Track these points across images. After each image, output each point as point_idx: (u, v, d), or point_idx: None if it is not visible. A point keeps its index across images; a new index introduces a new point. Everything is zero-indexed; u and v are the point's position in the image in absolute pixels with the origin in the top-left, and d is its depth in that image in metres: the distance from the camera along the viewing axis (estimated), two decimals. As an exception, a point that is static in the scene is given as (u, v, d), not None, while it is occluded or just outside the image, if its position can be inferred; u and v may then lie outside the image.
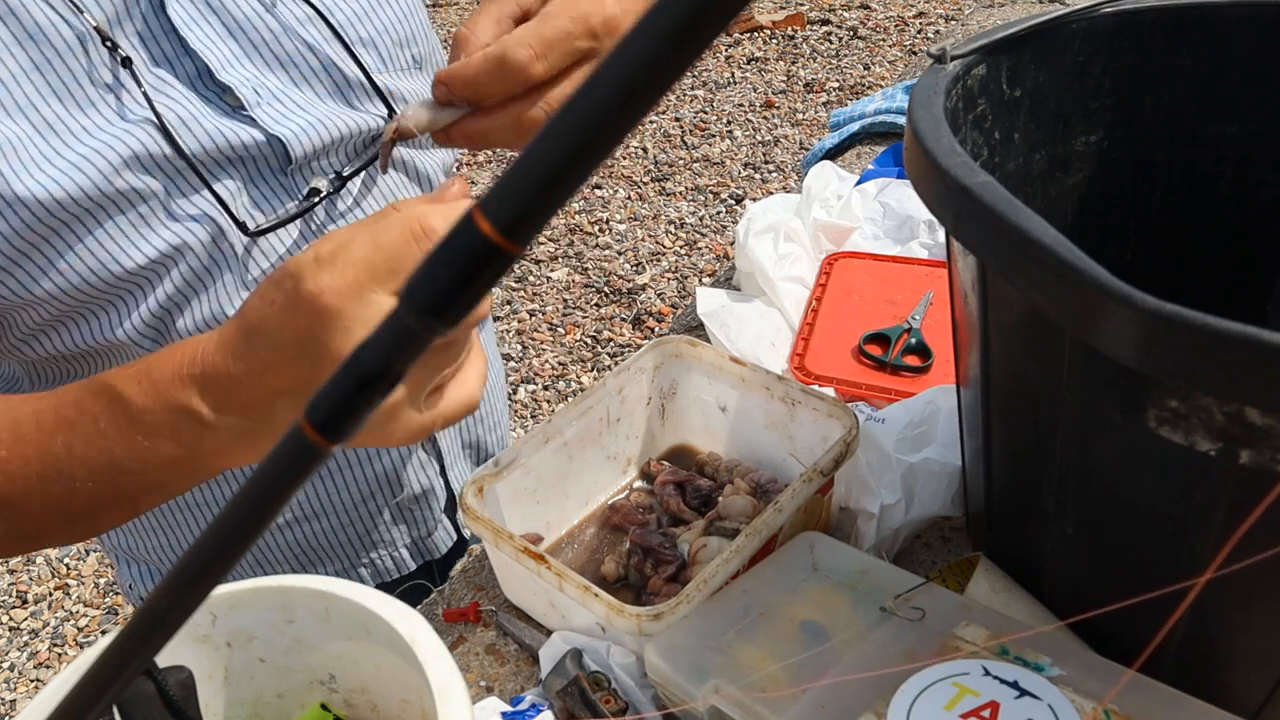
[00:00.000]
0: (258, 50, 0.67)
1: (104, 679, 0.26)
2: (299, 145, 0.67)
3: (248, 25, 0.67)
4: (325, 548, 0.81)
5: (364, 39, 0.71)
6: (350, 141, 0.70)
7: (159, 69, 0.63)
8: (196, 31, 0.64)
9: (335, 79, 0.70)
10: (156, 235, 0.63)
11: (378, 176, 0.74)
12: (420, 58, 0.76)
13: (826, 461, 0.66)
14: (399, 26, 0.74)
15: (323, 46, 0.69)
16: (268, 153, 0.67)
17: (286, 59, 0.68)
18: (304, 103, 0.69)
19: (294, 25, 0.68)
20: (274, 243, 0.69)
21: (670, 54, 0.17)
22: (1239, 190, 0.68)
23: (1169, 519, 0.50)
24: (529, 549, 0.63)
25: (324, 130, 0.68)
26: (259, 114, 0.66)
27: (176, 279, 0.65)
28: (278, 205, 0.68)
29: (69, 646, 1.99)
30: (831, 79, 3.62)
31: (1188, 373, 0.39)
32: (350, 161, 0.71)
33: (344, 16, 0.70)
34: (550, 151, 0.18)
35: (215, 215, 0.65)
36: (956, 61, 0.59)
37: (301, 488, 0.22)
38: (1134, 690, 0.50)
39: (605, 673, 0.62)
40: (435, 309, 0.20)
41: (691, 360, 0.79)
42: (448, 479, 0.84)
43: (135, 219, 0.62)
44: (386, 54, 0.73)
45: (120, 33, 0.62)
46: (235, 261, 0.67)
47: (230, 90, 0.65)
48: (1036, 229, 0.42)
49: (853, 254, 1.01)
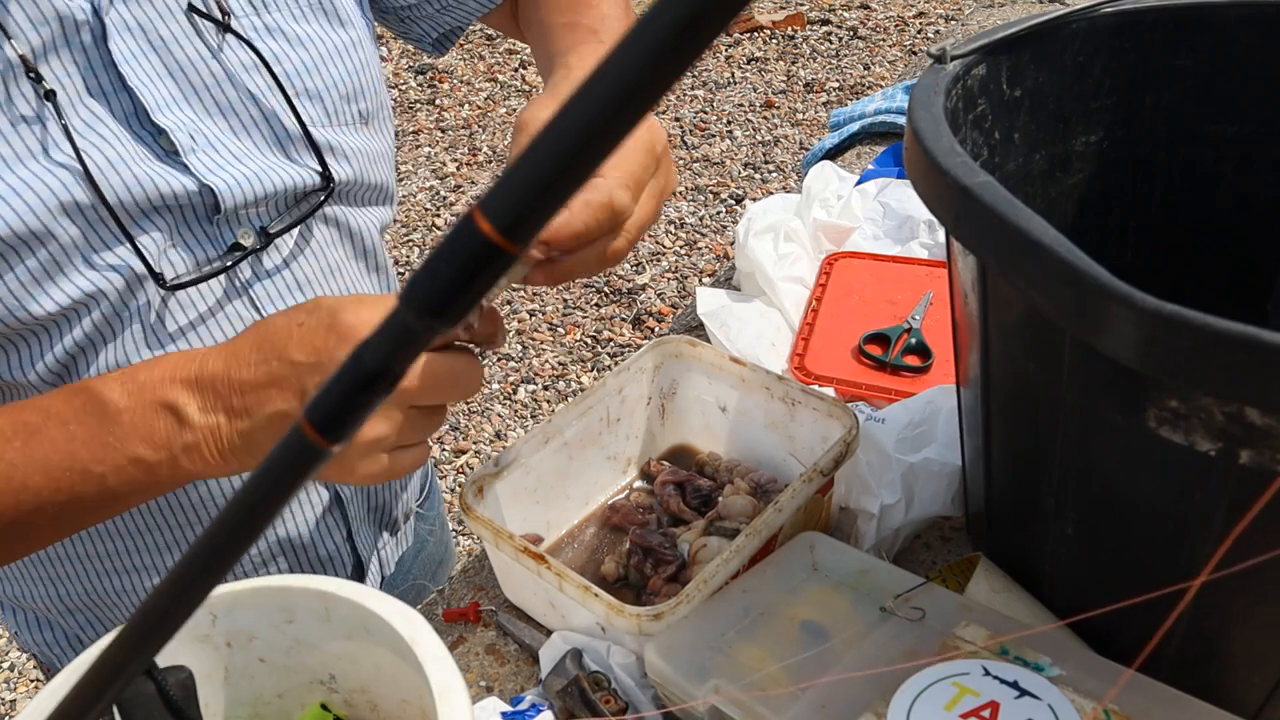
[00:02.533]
0: (198, 94, 0.65)
1: (104, 679, 0.26)
2: (231, 197, 0.65)
3: (189, 68, 0.64)
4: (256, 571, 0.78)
5: (310, 91, 0.69)
6: (283, 196, 0.68)
7: (92, 100, 0.61)
8: (136, 68, 0.62)
9: (275, 130, 0.68)
10: (70, 282, 0.61)
11: (312, 235, 0.72)
12: (367, 113, 0.74)
13: (826, 461, 0.66)
14: (348, 80, 0.72)
15: (265, 96, 0.67)
16: (196, 202, 0.64)
17: (227, 106, 0.66)
18: (240, 153, 0.66)
19: (238, 72, 0.66)
20: (193, 296, 0.66)
21: (670, 54, 0.17)
22: (1239, 190, 0.68)
23: (1169, 519, 0.50)
24: (529, 549, 0.63)
25: (259, 183, 0.66)
26: (192, 161, 0.64)
27: (87, 326, 0.63)
28: (200, 257, 0.66)
29: (69, 646, 1.99)
30: (831, 79, 3.62)
31: (1188, 373, 0.39)
32: (278, 217, 0.69)
33: (290, 67, 0.68)
34: (550, 152, 0.18)
35: (133, 264, 0.63)
36: (956, 61, 0.59)
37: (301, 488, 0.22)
38: (1134, 690, 0.50)
39: (605, 673, 0.62)
40: (435, 309, 0.20)
41: (691, 360, 0.79)
42: (354, 544, 0.82)
43: (49, 264, 0.60)
44: (333, 108, 0.71)
45: (55, 59, 0.59)
46: (149, 311, 0.65)
47: (165, 133, 0.63)
48: (1036, 229, 0.42)
49: (853, 254, 1.01)
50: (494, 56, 3.97)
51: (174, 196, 0.63)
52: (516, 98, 3.62)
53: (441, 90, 3.76)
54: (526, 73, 3.75)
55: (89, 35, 0.60)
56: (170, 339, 0.66)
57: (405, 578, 0.91)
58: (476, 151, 3.40)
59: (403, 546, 0.90)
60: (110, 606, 0.77)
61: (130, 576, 0.75)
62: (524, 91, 3.65)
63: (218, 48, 0.66)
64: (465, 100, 3.69)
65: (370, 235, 0.78)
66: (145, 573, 0.75)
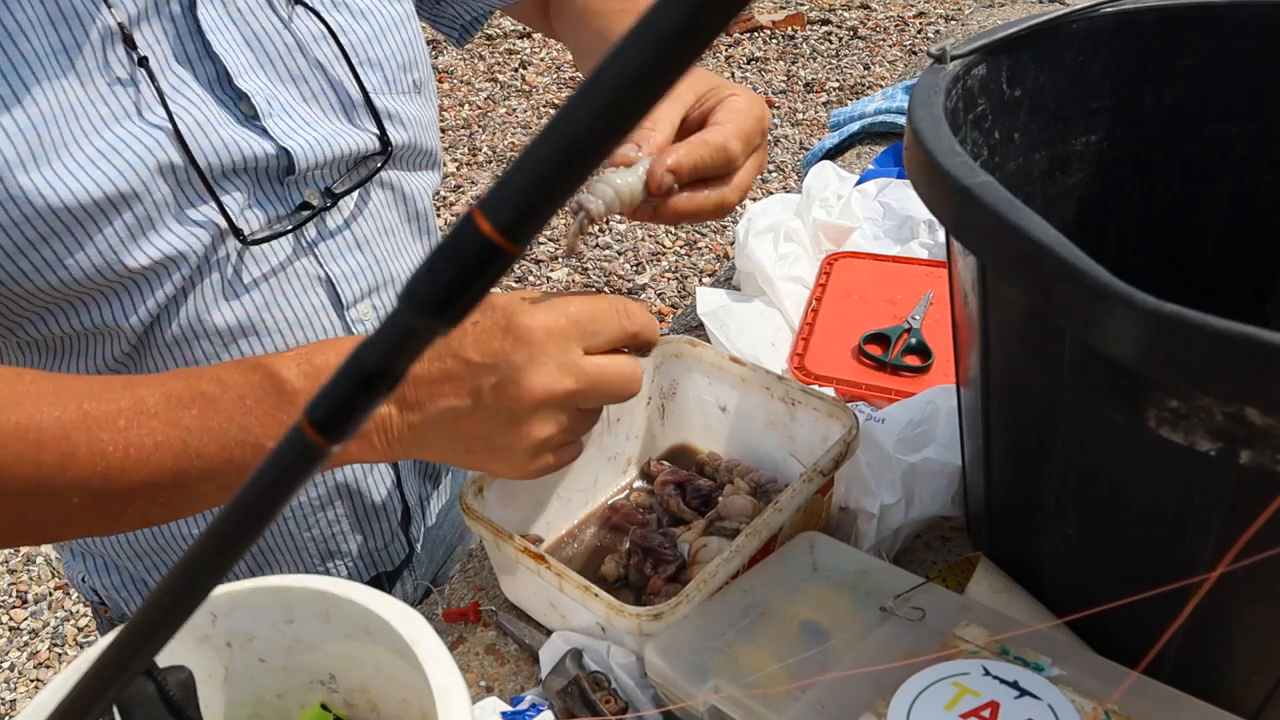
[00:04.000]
0: (272, 63, 0.70)
1: (104, 679, 0.26)
2: (304, 159, 0.69)
3: (265, 38, 0.69)
4: (282, 550, 0.82)
5: (371, 60, 0.74)
6: (346, 159, 0.73)
7: (180, 66, 0.65)
8: (220, 36, 0.67)
9: (341, 97, 0.73)
10: (161, 238, 0.65)
11: (370, 197, 0.77)
12: (420, 82, 0.79)
13: (826, 461, 0.66)
14: (404, 51, 0.77)
15: (332, 65, 0.72)
16: (273, 164, 0.69)
17: (299, 74, 0.71)
18: (310, 118, 0.71)
19: (308, 42, 0.71)
20: (266, 251, 0.70)
21: (670, 54, 0.17)
22: (1239, 190, 0.68)
23: (1169, 519, 0.50)
24: (529, 549, 0.63)
25: (328, 147, 0.71)
26: (271, 125, 0.68)
27: (176, 279, 0.67)
28: (271, 214, 0.70)
29: (69, 646, 1.99)
30: (831, 79, 3.62)
31: (1188, 373, 0.39)
32: (341, 178, 0.74)
33: (355, 38, 0.73)
34: (550, 151, 0.18)
35: (218, 221, 0.67)
36: (956, 61, 0.59)
37: (301, 488, 0.22)
38: (1134, 691, 0.50)
39: (605, 673, 0.62)
40: (435, 308, 0.20)
41: (691, 360, 0.79)
42: (403, 492, 0.85)
43: (144, 220, 0.64)
44: (392, 76, 0.76)
45: (147, 27, 0.64)
46: (226, 265, 0.69)
47: (246, 98, 0.67)
48: (1036, 229, 0.42)
49: (853, 254, 1.01)
50: (494, 57, 3.97)
51: (255, 159, 0.67)
52: (516, 98, 3.62)
53: (441, 90, 3.76)
54: (526, 73, 3.75)
55: (178, 5, 0.65)
56: (245, 289, 0.71)
57: (440, 531, 0.95)
58: (476, 151, 3.40)
59: (442, 500, 0.94)
60: (176, 552, 0.81)
61: (194, 524, 0.78)
62: (524, 92, 3.65)
63: (289, 19, 0.70)
64: (465, 100, 3.69)
65: (422, 199, 0.82)
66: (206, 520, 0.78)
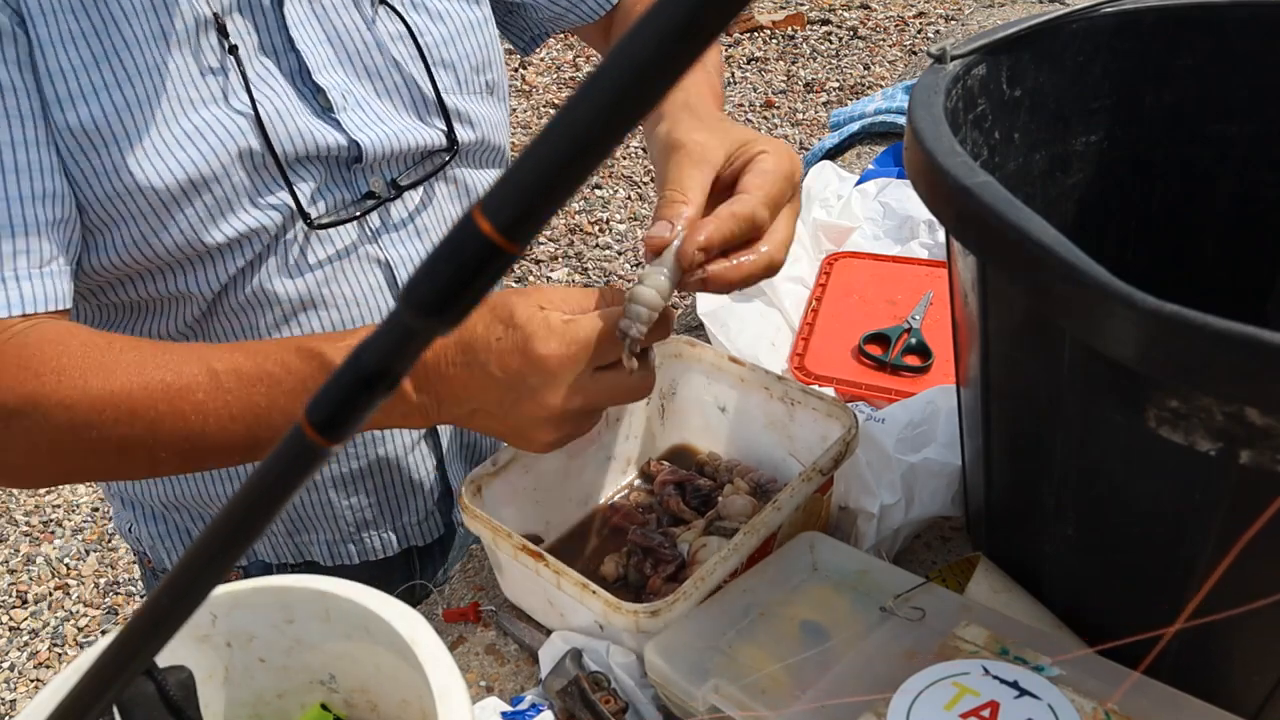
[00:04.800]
0: (350, 59, 0.74)
1: (104, 679, 0.26)
2: (373, 151, 0.73)
3: (345, 35, 0.73)
4: (318, 518, 0.84)
5: (445, 61, 0.78)
6: (413, 153, 0.77)
7: (265, 57, 0.70)
8: (303, 32, 0.71)
9: (414, 95, 0.77)
10: (237, 219, 0.69)
11: (435, 191, 0.80)
12: (493, 84, 0.83)
13: (826, 461, 0.66)
14: (479, 53, 0.81)
15: (408, 64, 0.76)
16: (344, 155, 0.72)
17: (375, 70, 0.75)
18: (383, 113, 0.75)
19: (386, 41, 0.75)
20: (331, 235, 0.75)
21: (669, 55, 0.17)
22: (1239, 190, 0.68)
23: (1169, 519, 0.50)
24: (527, 546, 0.63)
25: (396, 141, 0.74)
26: (344, 118, 0.72)
27: (248, 254, 0.72)
28: (338, 200, 0.74)
29: (69, 646, 1.99)
30: (831, 79, 3.62)
31: (1188, 373, 0.39)
32: (407, 171, 0.77)
33: (432, 39, 0.77)
34: (550, 152, 0.18)
35: (289, 204, 0.71)
36: (956, 61, 0.59)
37: (301, 488, 0.22)
38: (1134, 691, 0.50)
39: (605, 673, 0.62)
40: (435, 308, 0.20)
41: (691, 360, 0.79)
42: (444, 472, 0.87)
43: (222, 201, 0.68)
44: (464, 78, 0.79)
45: (238, 17, 0.68)
46: (294, 245, 0.73)
47: (323, 91, 0.71)
48: (1036, 229, 0.42)
49: (853, 254, 1.01)
50: (494, 56, 3.96)
51: (328, 149, 0.71)
52: (516, 97, 3.62)
53: (441, 90, 3.75)
54: (526, 73, 3.75)
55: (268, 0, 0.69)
56: (310, 267, 0.75)
57: None
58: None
59: None
60: (217, 503, 0.84)
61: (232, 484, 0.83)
62: (524, 92, 3.65)
63: (372, 18, 0.74)
64: (465, 100, 3.69)
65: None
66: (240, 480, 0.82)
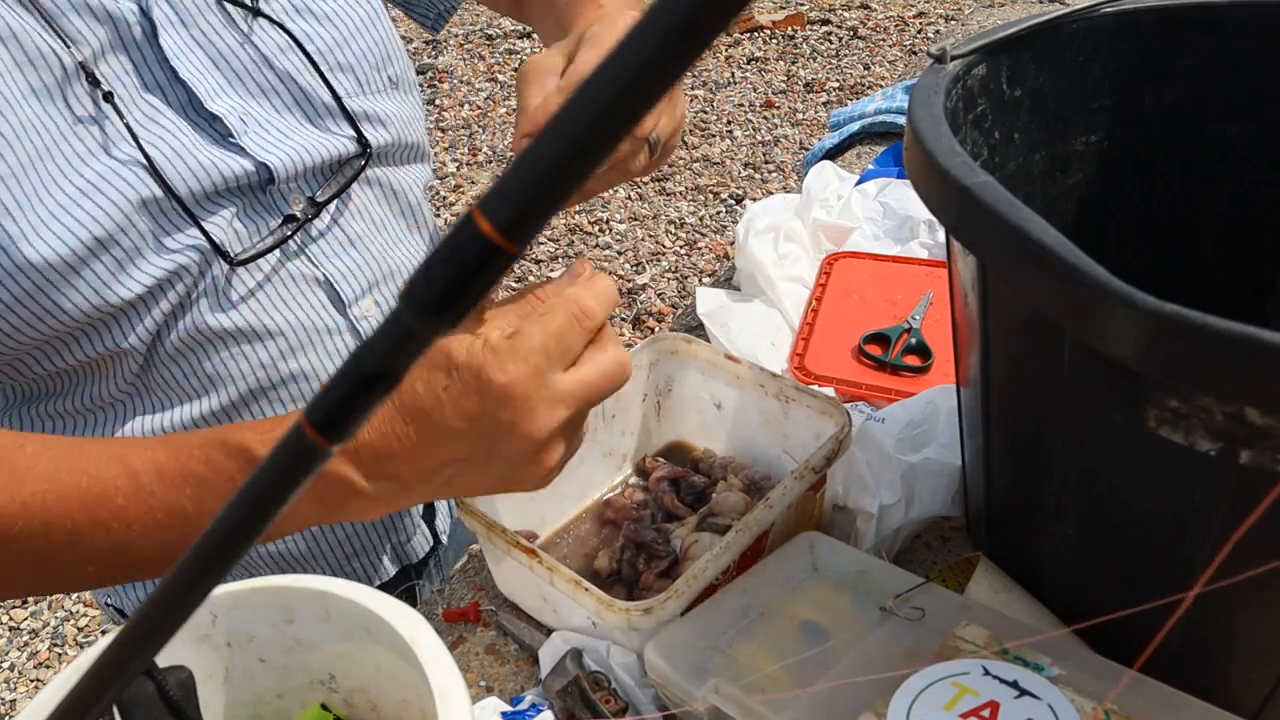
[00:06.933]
0: (240, 80, 0.69)
1: (104, 679, 0.26)
2: (284, 170, 0.69)
3: (230, 55, 0.69)
4: (307, 556, 0.80)
5: (343, 65, 0.73)
6: (325, 165, 0.73)
7: (150, 95, 0.65)
8: (184, 61, 0.66)
9: (314, 105, 0.72)
10: (144, 270, 0.64)
11: (351, 196, 0.76)
12: (396, 78, 0.79)
13: (818, 458, 0.66)
14: (376, 49, 0.76)
15: (301, 75, 0.71)
16: (254, 180, 0.69)
17: (269, 87, 0.71)
18: (286, 129, 0.71)
19: (273, 55, 0.70)
20: (257, 261, 0.70)
21: (670, 54, 0.17)
22: (1239, 190, 0.68)
23: (1169, 519, 0.50)
24: (520, 543, 0.63)
25: (307, 156, 0.71)
26: (247, 142, 0.68)
27: (166, 304, 0.67)
28: (259, 227, 0.70)
29: (69, 646, 1.99)
30: (831, 79, 3.62)
31: (1188, 373, 0.39)
32: (324, 184, 0.73)
33: (322, 44, 0.72)
34: (550, 151, 0.18)
35: (201, 246, 0.66)
36: (956, 61, 0.59)
37: (302, 488, 0.22)
38: (1134, 690, 0.50)
39: (605, 672, 0.62)
40: (435, 309, 0.20)
41: (687, 357, 0.79)
42: None
43: (124, 257, 0.63)
44: (365, 77, 0.75)
45: (112, 59, 0.63)
46: (220, 281, 0.69)
47: (219, 119, 0.67)
48: (1036, 229, 0.42)
49: (853, 254, 1.01)
50: (494, 56, 3.97)
51: (235, 178, 0.67)
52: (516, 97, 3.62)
53: (442, 90, 3.76)
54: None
55: (140, 32, 0.64)
56: (242, 299, 0.70)
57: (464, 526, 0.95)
58: (476, 151, 3.40)
59: None
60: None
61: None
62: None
63: (249, 31, 0.70)
64: (465, 100, 3.69)
65: (412, 193, 0.82)
66: None
